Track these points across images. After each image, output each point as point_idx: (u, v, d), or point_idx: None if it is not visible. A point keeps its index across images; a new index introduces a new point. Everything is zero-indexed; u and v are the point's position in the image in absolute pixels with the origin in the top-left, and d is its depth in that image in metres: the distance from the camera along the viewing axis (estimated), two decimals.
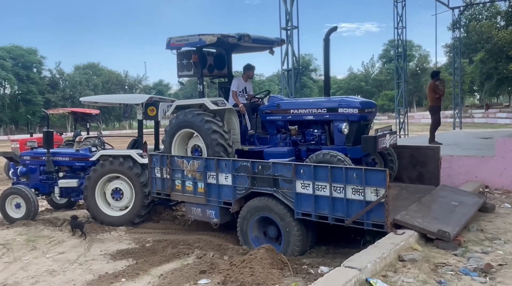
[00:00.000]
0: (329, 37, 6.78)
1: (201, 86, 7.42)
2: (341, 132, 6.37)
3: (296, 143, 6.94)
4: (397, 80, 19.27)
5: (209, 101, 6.92)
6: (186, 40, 7.00)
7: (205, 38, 6.76)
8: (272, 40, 7.60)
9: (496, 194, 7.92)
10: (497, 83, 43.19)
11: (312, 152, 6.45)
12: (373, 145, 6.10)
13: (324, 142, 6.74)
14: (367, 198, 5.15)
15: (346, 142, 6.44)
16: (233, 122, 7.20)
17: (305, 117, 6.83)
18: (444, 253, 4.83)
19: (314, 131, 6.88)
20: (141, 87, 70.91)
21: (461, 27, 31.29)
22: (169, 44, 7.19)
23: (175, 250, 6.36)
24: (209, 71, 7.81)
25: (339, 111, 6.47)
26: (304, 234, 5.82)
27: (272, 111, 7.16)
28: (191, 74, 7.48)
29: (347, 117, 6.38)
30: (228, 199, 6.42)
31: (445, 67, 51.94)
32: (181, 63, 7.48)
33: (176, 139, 7.24)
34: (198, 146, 7.14)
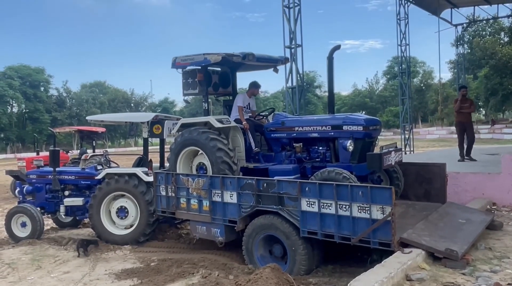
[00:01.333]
0: (332, 55, 6.84)
1: (206, 104, 7.47)
2: (346, 149, 6.36)
3: (301, 161, 6.93)
4: (401, 96, 19.32)
5: (214, 119, 6.96)
6: (191, 59, 7.09)
7: (210, 57, 6.83)
8: (276, 59, 7.68)
9: (504, 211, 7.83)
10: (502, 99, 43.12)
11: (317, 169, 6.45)
12: (378, 163, 6.09)
13: (329, 159, 6.74)
14: (373, 216, 5.11)
15: (351, 159, 6.42)
16: (238, 140, 7.22)
17: (310, 135, 6.84)
18: (452, 272, 4.75)
19: (319, 148, 6.87)
20: (146, 104, 71.42)
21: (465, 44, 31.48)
22: (174, 63, 7.28)
23: (180, 270, 6.31)
24: (214, 89, 7.89)
25: (343, 128, 6.49)
26: (310, 252, 5.76)
27: (277, 129, 7.20)
28: (196, 93, 7.56)
29: (352, 135, 6.38)
30: (233, 217, 6.39)
31: (449, 83, 52.06)
32: (186, 81, 7.57)
33: (181, 157, 7.27)
34: (203, 164, 7.16)
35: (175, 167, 7.29)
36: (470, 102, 10.84)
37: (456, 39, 24.05)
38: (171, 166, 7.36)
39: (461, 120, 10.95)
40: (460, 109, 10.72)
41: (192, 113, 69.60)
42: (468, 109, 10.63)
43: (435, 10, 19.67)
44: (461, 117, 10.90)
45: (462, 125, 10.82)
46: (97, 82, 71.23)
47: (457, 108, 10.90)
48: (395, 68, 56.32)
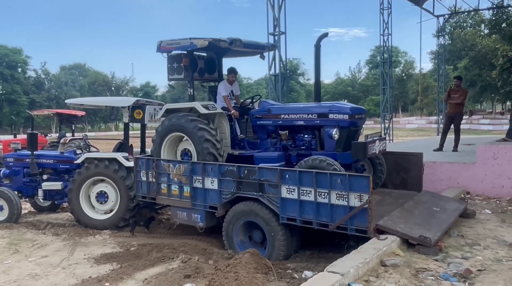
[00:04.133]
0: (320, 43, 6.81)
1: (191, 90, 7.34)
2: (331, 137, 6.39)
3: (287, 148, 6.94)
4: (382, 86, 19.53)
5: (199, 105, 6.89)
6: (177, 43, 6.96)
7: (197, 42, 6.72)
8: (263, 45, 7.59)
9: (477, 200, 8.09)
10: (480, 90, 44.02)
11: (302, 157, 6.49)
12: (363, 151, 6.16)
13: (314, 147, 6.77)
14: (351, 204, 5.22)
15: (336, 147, 6.48)
16: (224, 126, 7.18)
17: (296, 123, 6.85)
18: (425, 258, 4.92)
19: (304, 136, 6.89)
20: (128, 88, 70.35)
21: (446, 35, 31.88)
22: (159, 47, 7.14)
23: (160, 254, 6.35)
24: (199, 75, 7.77)
25: (329, 117, 6.51)
26: (289, 238, 5.87)
27: (263, 116, 7.18)
28: (181, 78, 7.44)
29: (337, 123, 6.42)
30: (214, 203, 6.43)
31: (430, 73, 52.76)
32: (171, 66, 7.43)
33: (166, 141, 7.19)
34: (188, 150, 7.12)
35: (159, 150, 7.22)
36: (460, 93, 10.80)
37: (437, 30, 24.34)
38: (155, 148, 7.28)
39: (449, 110, 11.07)
40: (449, 99, 10.81)
41: (174, 98, 68.85)
42: (456, 99, 10.66)
43: (418, 1, 19.83)
44: (450, 107, 10.99)
45: (450, 115, 10.92)
46: (77, 64, 69.75)
47: (445, 98, 11.04)
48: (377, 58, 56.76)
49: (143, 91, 70.72)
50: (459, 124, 10.83)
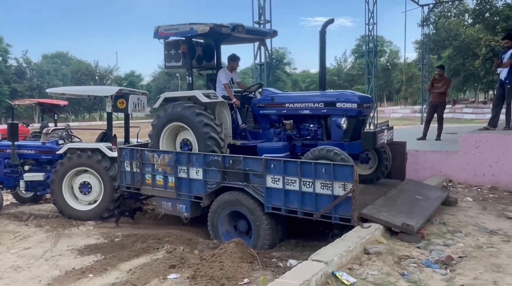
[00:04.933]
0: (325, 30, 6.60)
1: (190, 78, 7.08)
2: (339, 127, 6.21)
3: (291, 138, 6.75)
4: (367, 75, 19.63)
5: (200, 94, 6.65)
6: (176, 29, 6.70)
7: (197, 27, 6.48)
8: (265, 31, 7.35)
9: (459, 188, 8.22)
10: (464, 79, 44.55)
11: (308, 147, 6.36)
12: (372, 141, 6.06)
13: (320, 137, 6.59)
14: (335, 193, 5.25)
15: (343, 137, 6.32)
16: (225, 116, 6.93)
17: (301, 112, 6.65)
18: (408, 245, 4.99)
19: (310, 126, 6.70)
20: (112, 78, 69.38)
21: (430, 24, 32.08)
22: (156, 33, 6.88)
23: (145, 245, 6.32)
24: (197, 62, 7.46)
25: (337, 105, 6.33)
26: (273, 227, 5.89)
27: (266, 105, 6.96)
28: (179, 65, 7.13)
29: (345, 112, 6.25)
30: (199, 193, 6.40)
31: (414, 63, 53.18)
32: (168, 53, 7.11)
33: (164, 133, 6.98)
34: (187, 140, 6.90)
35: (158, 144, 6.99)
36: (444, 82, 10.87)
37: (422, 20, 24.49)
38: (153, 143, 7.04)
39: (432, 99, 11.13)
40: (432, 89, 10.90)
41: (159, 88, 68.19)
42: (439, 89, 10.72)
43: None
44: (433, 97, 11.05)
45: (433, 104, 10.98)
46: (59, 53, 68.42)
47: (429, 87, 11.13)
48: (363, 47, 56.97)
49: (128, 81, 69.84)
50: (442, 113, 10.95)
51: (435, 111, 10.88)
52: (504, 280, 4.06)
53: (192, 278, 4.71)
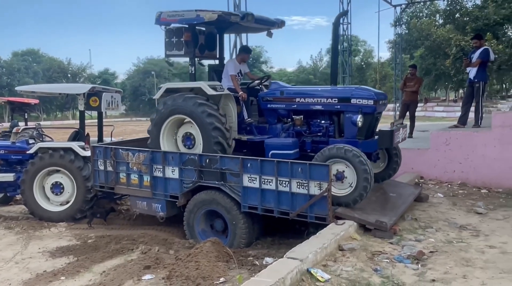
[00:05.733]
0: (338, 22, 6.40)
1: (193, 68, 6.74)
2: (354, 124, 5.91)
3: (300, 134, 6.46)
4: (342, 74, 19.86)
5: (206, 85, 6.29)
6: (180, 15, 6.32)
7: (204, 14, 6.12)
8: (273, 21, 6.96)
9: (430, 184, 8.44)
10: (435, 78, 45.58)
11: (318, 144, 6.21)
12: (390, 140, 5.92)
13: (332, 134, 6.31)
14: (311, 192, 5.30)
15: (357, 135, 6.04)
16: (230, 109, 6.57)
17: (312, 107, 6.33)
18: (381, 241, 5.09)
19: (321, 122, 6.41)
20: (85, 75, 67.89)
21: (403, 24, 32.72)
22: (158, 19, 6.50)
23: (119, 246, 6.23)
24: (200, 51, 7.01)
25: (352, 101, 6.04)
26: (250, 226, 5.90)
27: (274, 99, 6.60)
28: (181, 54, 6.76)
29: (360, 109, 5.95)
30: (175, 193, 6.36)
31: (388, 62, 54.13)
32: (169, 41, 6.72)
33: (165, 127, 6.61)
34: (190, 133, 6.55)
35: (158, 139, 6.63)
36: (416, 81, 11.14)
37: (395, 20, 24.94)
38: (152, 140, 6.69)
39: (404, 98, 11.43)
40: (405, 88, 11.17)
41: (134, 86, 67.22)
42: (412, 87, 10.97)
43: None
44: (405, 95, 11.35)
45: (406, 103, 11.24)
46: (30, 50, 66.49)
47: (401, 86, 11.41)
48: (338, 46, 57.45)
49: (102, 79, 68.48)
50: (414, 111, 11.23)
51: (408, 109, 11.14)
52: (473, 273, 4.19)
53: (168, 279, 4.67)
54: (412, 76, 11.18)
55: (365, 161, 5.42)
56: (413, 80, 11.06)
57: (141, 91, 66.43)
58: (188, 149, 6.54)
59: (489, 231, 5.56)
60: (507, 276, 4.11)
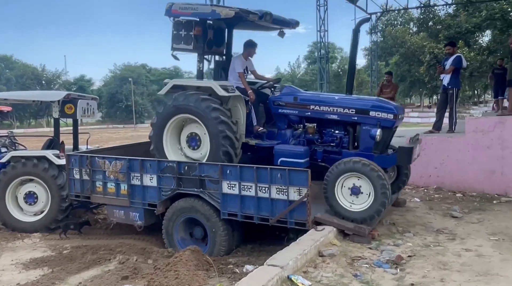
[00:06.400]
0: (359, 28, 6.26)
1: (201, 64, 6.48)
2: (372, 138, 5.72)
3: (311, 142, 6.22)
4: (320, 81, 20.09)
5: (217, 86, 6.01)
6: (194, 9, 6.03)
7: (220, 10, 5.87)
8: (289, 22, 6.68)
9: (407, 189, 8.56)
10: (410, 85, 46.66)
11: (329, 154, 6.08)
12: (409, 157, 5.76)
13: (346, 145, 6.09)
14: (291, 198, 5.31)
15: (374, 149, 5.85)
16: (239, 111, 6.30)
17: (327, 116, 6.10)
18: (360, 246, 5.13)
19: (335, 131, 6.19)
20: (60, 82, 66.59)
21: (378, 32, 33.40)
22: (169, 10, 6.20)
23: (95, 256, 6.08)
24: (208, 47, 6.60)
25: (370, 114, 5.85)
26: (230, 233, 5.86)
27: (287, 104, 6.32)
28: (189, 49, 6.43)
29: (379, 122, 5.78)
30: (153, 201, 6.26)
31: (364, 69, 55.05)
32: (177, 33, 6.40)
33: (170, 124, 6.32)
34: (196, 134, 6.31)
35: (161, 136, 6.35)
36: (391, 87, 11.38)
37: (370, 28, 25.43)
38: (155, 135, 6.40)
39: None
40: (381, 94, 11.39)
41: (111, 93, 66.27)
42: (388, 94, 11.24)
43: None
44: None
45: None
46: (2, 56, 64.86)
47: (378, 93, 11.65)
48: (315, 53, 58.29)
49: (77, 85, 67.34)
50: None
51: None
52: (451, 277, 4.26)
53: None
54: (388, 82, 11.43)
55: (383, 176, 5.30)
56: (389, 87, 11.30)
57: (118, 98, 65.60)
58: (193, 150, 6.38)
59: (465, 235, 5.69)
60: (483, 278, 4.20)
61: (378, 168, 5.35)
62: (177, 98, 6.22)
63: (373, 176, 5.29)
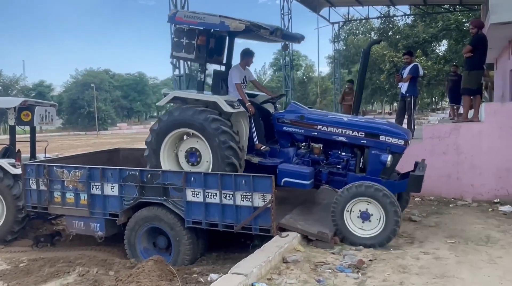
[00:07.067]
0: (370, 49, 6.18)
1: (202, 75, 6.26)
2: (383, 164, 5.66)
3: (316, 163, 6.09)
4: (285, 87, 20.32)
5: (223, 101, 5.76)
6: (201, 19, 5.78)
7: (229, 22, 5.60)
8: (296, 37, 6.64)
9: None
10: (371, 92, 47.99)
11: (335, 176, 6.01)
12: (419, 185, 5.68)
13: (352, 168, 5.97)
14: (255, 204, 5.34)
15: (382, 173, 5.78)
16: (242, 126, 6.07)
17: (335, 137, 5.98)
18: (323, 252, 5.21)
19: (341, 153, 6.04)
20: (18, 88, 63.95)
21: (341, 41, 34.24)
22: (173, 18, 6.03)
23: (54, 269, 5.85)
24: (209, 56, 6.42)
25: (380, 138, 5.77)
26: (194, 242, 5.81)
27: (292, 122, 6.18)
28: (191, 58, 6.25)
29: (389, 147, 5.71)
30: (115, 210, 6.12)
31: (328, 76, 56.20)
32: (178, 41, 6.16)
33: (167, 140, 6.09)
34: (195, 149, 6.07)
35: (159, 152, 6.11)
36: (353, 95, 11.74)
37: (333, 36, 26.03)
38: (151, 152, 6.15)
39: (343, 111, 12.03)
40: (343, 101, 11.72)
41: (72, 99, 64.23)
42: (349, 101, 11.62)
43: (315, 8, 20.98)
44: (344, 109, 11.95)
45: None
46: None
47: (340, 100, 11.97)
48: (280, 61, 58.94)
49: (36, 91, 64.89)
50: None
51: None
52: (409, 280, 4.39)
53: None
54: (349, 90, 11.76)
55: (395, 203, 5.26)
56: (350, 94, 11.65)
57: (80, 104, 63.68)
58: (192, 166, 6.13)
59: (423, 238, 5.88)
60: (440, 281, 4.35)
61: (391, 194, 5.30)
62: (172, 113, 6.04)
63: (385, 203, 5.26)
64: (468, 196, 8.17)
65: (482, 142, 8.12)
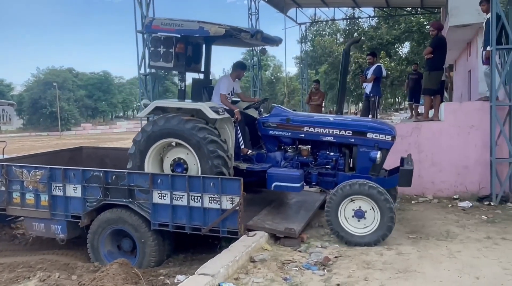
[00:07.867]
0: (349, 48, 6.22)
1: (182, 83, 6.18)
2: (372, 160, 5.69)
3: (305, 165, 6.11)
4: (253, 87, 20.34)
5: (207, 108, 5.67)
6: (178, 25, 5.65)
7: (209, 27, 5.49)
8: (275, 39, 6.58)
9: None
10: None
11: (324, 177, 6.02)
12: (409, 179, 5.74)
13: (341, 167, 6.01)
14: (223, 206, 5.32)
15: (371, 171, 5.84)
16: (227, 132, 6.01)
17: (322, 138, 5.99)
18: (290, 250, 5.26)
19: (330, 153, 6.07)
20: None
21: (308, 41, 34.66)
22: (149, 26, 5.85)
23: (13, 275, 5.61)
24: (187, 64, 6.28)
25: (368, 136, 5.82)
26: (160, 244, 5.73)
27: (278, 126, 6.16)
28: (169, 67, 6.05)
29: (377, 144, 5.77)
30: (77, 212, 5.97)
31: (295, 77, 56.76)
32: (155, 50, 5.99)
33: (152, 151, 5.92)
34: (182, 160, 5.93)
35: (143, 164, 5.92)
36: (319, 95, 12.06)
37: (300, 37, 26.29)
38: (135, 164, 5.95)
39: (310, 111, 12.33)
40: (310, 101, 11.96)
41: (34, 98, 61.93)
42: (316, 101, 11.91)
43: (282, 8, 21.11)
44: (311, 108, 12.22)
45: None
46: None
47: (307, 100, 12.18)
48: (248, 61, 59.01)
49: None
50: None
51: None
52: (373, 275, 4.49)
53: None
54: (316, 90, 11.97)
55: (389, 199, 5.29)
56: (317, 94, 11.87)
57: (42, 103, 61.46)
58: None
59: None
60: (403, 275, 4.47)
61: (384, 191, 5.34)
62: (157, 123, 5.85)
63: (380, 199, 5.29)
64: (429, 193, 8.43)
65: (442, 141, 8.40)
